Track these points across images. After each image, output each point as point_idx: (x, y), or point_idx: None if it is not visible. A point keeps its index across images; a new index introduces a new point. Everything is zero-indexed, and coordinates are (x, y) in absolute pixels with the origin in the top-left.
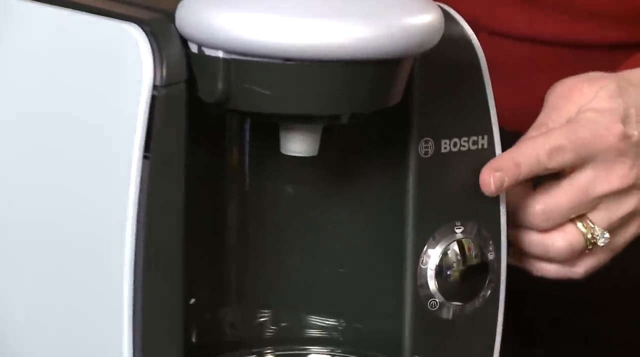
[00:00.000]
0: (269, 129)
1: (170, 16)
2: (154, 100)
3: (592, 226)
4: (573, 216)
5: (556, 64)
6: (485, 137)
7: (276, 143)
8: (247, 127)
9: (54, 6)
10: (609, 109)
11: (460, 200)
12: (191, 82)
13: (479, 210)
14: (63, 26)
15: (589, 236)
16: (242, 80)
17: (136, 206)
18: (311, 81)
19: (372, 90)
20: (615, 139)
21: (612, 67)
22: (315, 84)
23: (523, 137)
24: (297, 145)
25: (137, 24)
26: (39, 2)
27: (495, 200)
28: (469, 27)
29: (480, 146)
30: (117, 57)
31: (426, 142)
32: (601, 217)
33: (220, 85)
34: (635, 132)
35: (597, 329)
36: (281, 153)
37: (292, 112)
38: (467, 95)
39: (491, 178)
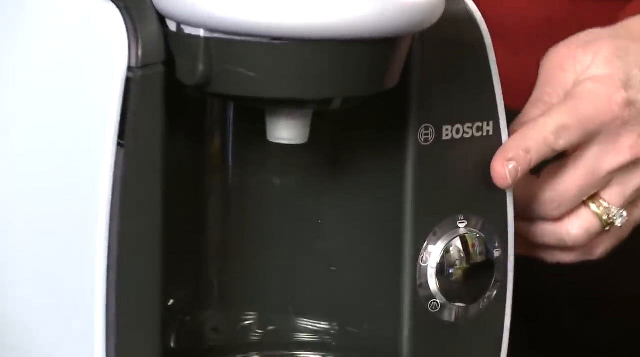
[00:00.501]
0: (254, 114)
1: None
2: (128, 82)
3: (607, 206)
4: (585, 198)
5: (574, 24)
6: (491, 123)
7: (262, 130)
8: (231, 112)
9: None
10: (608, 76)
11: (463, 192)
12: (169, 63)
13: (483, 202)
14: (29, 3)
15: (605, 217)
16: (224, 61)
17: (110, 198)
18: (301, 62)
19: (367, 72)
20: (618, 108)
21: None
22: (305, 65)
23: (520, 119)
24: (285, 132)
25: (112, 1)
26: None
27: (501, 191)
28: (472, 2)
29: (485, 133)
30: (89, 35)
31: (426, 128)
32: (615, 194)
33: (201, 67)
34: None
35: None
36: (268, 141)
37: (280, 96)
38: (471, 77)
39: (506, 170)
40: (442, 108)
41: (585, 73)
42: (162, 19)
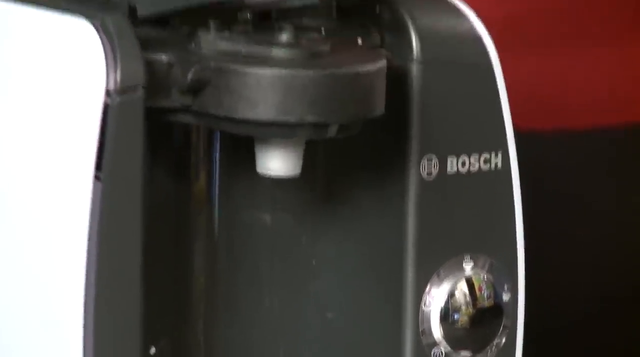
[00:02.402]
0: (242, 144)
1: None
2: (106, 109)
3: None
4: None
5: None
6: (499, 153)
7: (251, 162)
8: (217, 142)
9: None
10: None
11: (469, 230)
12: (151, 88)
13: (491, 241)
14: (3, 20)
15: None
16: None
17: (87, 235)
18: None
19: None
20: None
21: None
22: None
23: None
24: (276, 163)
25: (86, 18)
26: None
27: (511, 230)
28: (478, 21)
29: (493, 166)
30: (65, 57)
31: (429, 159)
32: None
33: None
34: None
35: None
36: (257, 174)
37: (269, 119)
38: (477, 102)
39: None
40: (445, 136)
41: None
42: (141, 40)
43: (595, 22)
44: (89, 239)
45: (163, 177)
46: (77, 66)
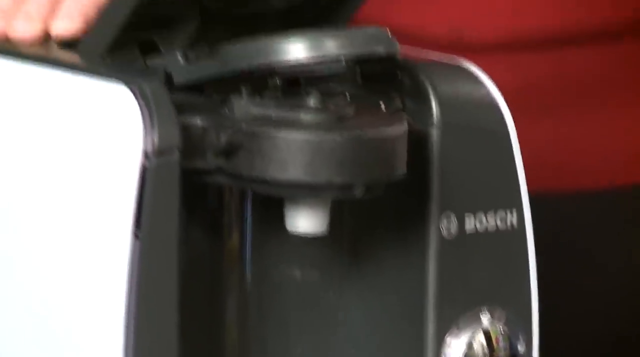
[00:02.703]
0: (273, 203)
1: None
2: (144, 170)
3: None
4: None
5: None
6: (514, 211)
7: (281, 220)
8: (249, 201)
9: (25, 62)
10: None
11: (486, 284)
12: (186, 150)
13: (507, 295)
14: (43, 85)
15: None
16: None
17: (126, 291)
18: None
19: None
20: None
21: None
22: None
23: None
24: (305, 222)
25: (125, 84)
26: (6, 57)
27: (525, 284)
28: (495, 88)
29: (508, 224)
30: (104, 120)
31: (448, 218)
32: None
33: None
34: None
35: None
36: (287, 233)
37: (298, 180)
38: (493, 164)
39: None
40: (463, 197)
41: None
42: (177, 105)
43: (605, 87)
44: (128, 293)
45: (198, 234)
46: (117, 129)
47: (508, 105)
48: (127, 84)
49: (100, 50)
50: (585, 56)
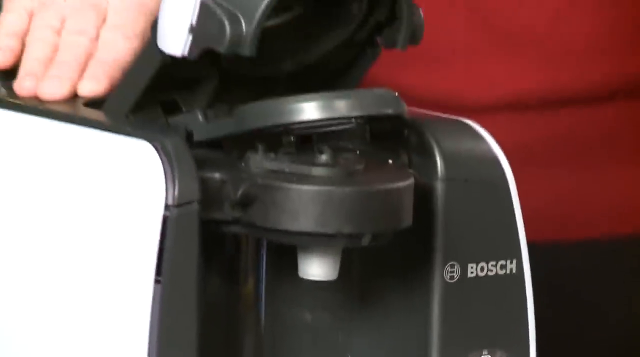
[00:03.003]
0: (286, 251)
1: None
2: (165, 221)
3: None
4: None
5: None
6: (514, 260)
7: (294, 267)
8: (264, 249)
9: (54, 120)
10: None
11: (487, 327)
12: (205, 202)
13: (507, 337)
14: (71, 142)
15: None
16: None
17: (147, 333)
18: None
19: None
20: None
21: None
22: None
23: None
24: (316, 268)
25: (147, 140)
26: (36, 115)
27: (524, 327)
28: (496, 144)
29: (508, 271)
30: (127, 174)
31: (452, 266)
32: None
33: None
34: None
35: None
36: (299, 278)
37: (310, 230)
38: (494, 216)
39: None
40: (466, 245)
41: None
42: (197, 160)
43: (601, 144)
44: (150, 336)
45: (215, 280)
46: (140, 182)
47: (508, 161)
48: (151, 141)
49: (125, 110)
50: (580, 116)
